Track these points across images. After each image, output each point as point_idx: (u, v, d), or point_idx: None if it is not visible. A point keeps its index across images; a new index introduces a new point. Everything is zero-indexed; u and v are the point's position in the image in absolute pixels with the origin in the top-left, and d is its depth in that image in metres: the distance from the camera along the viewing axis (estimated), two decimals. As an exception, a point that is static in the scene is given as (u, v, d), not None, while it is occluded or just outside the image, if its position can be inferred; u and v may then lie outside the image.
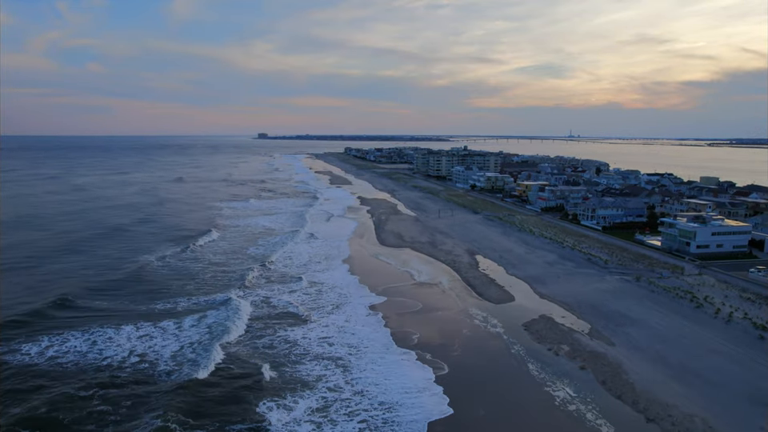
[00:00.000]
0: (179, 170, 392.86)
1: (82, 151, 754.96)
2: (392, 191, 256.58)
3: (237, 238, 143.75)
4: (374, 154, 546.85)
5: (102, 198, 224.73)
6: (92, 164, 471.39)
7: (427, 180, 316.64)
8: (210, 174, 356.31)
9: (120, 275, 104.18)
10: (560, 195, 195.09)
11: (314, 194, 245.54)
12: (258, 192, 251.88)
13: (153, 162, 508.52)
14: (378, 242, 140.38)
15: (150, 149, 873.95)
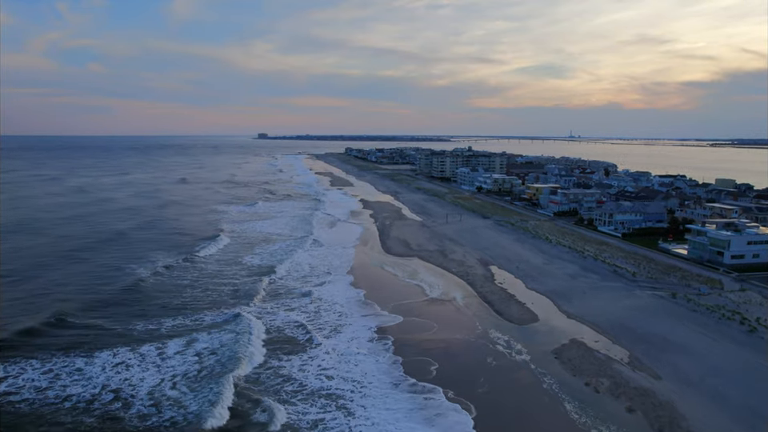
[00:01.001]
0: (182, 171, 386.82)
1: (83, 151, 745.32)
2: (395, 193, 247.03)
3: (242, 245, 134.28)
4: (375, 155, 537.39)
5: (103, 201, 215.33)
6: (93, 164, 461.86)
7: (431, 182, 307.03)
8: (212, 175, 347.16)
9: (115, 289, 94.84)
10: (573, 199, 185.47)
11: (316, 196, 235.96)
12: (262, 195, 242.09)
13: (155, 163, 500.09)
14: (384, 250, 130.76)
15: (151, 149, 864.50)
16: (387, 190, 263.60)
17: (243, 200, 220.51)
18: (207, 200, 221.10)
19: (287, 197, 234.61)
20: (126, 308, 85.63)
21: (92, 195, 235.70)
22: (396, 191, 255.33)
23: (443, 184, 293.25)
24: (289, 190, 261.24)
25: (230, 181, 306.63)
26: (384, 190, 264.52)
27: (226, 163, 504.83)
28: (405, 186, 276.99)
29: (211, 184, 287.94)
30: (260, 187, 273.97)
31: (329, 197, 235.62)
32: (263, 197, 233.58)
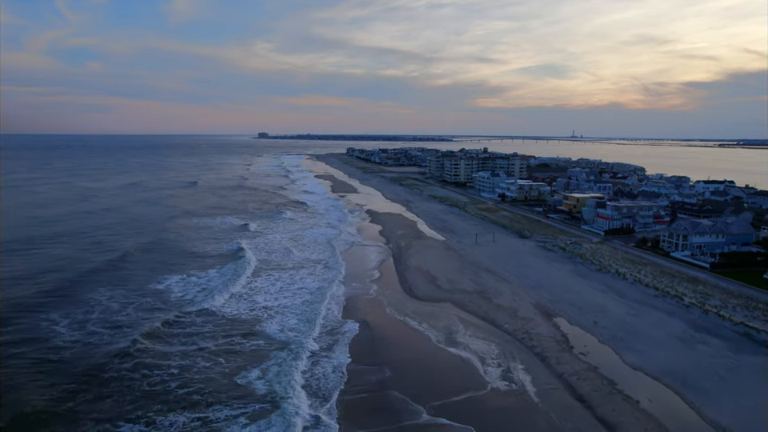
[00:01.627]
0: (190, 172, 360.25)
1: (84, 151, 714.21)
2: (406, 202, 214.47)
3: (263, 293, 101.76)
4: (379, 156, 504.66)
5: (106, 211, 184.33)
6: (96, 165, 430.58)
7: (444, 187, 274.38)
8: (221, 178, 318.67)
9: (82, 372, 63.11)
10: (627, 213, 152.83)
11: (314, 208, 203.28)
12: (273, 206, 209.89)
13: (161, 164, 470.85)
14: (404, 289, 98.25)
15: (152, 149, 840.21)
16: (397, 197, 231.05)
17: (262, 211, 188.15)
18: (219, 209, 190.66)
19: (286, 208, 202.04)
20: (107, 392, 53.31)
21: (95, 203, 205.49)
22: (407, 200, 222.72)
23: (459, 190, 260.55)
24: (286, 200, 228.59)
25: (241, 186, 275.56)
26: (393, 197, 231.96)
27: (232, 164, 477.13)
28: (416, 193, 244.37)
29: (221, 189, 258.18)
30: (263, 198, 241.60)
31: (328, 208, 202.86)
32: (266, 209, 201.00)
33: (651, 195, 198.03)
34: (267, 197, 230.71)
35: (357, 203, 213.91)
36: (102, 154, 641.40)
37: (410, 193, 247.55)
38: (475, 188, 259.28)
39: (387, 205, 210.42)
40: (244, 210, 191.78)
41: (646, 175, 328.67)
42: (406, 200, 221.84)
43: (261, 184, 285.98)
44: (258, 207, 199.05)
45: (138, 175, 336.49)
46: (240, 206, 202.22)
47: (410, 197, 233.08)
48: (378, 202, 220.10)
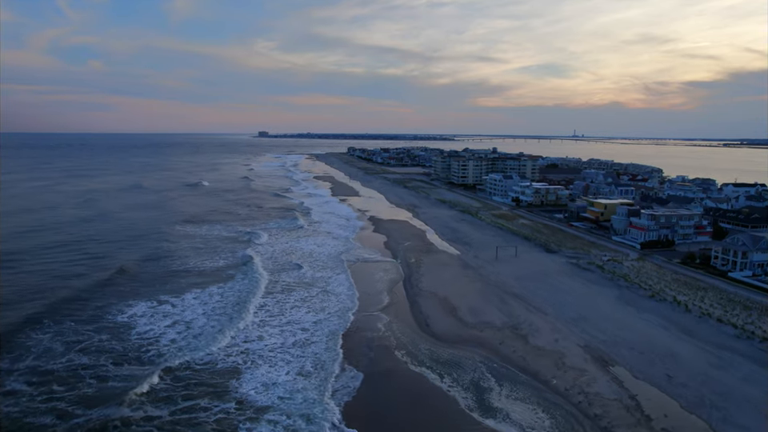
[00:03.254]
0: (193, 173, 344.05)
1: (85, 151, 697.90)
2: (413, 207, 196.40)
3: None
4: (381, 156, 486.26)
5: (102, 217, 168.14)
6: (96, 165, 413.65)
7: (452, 190, 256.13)
8: (223, 179, 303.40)
9: None
10: (665, 223, 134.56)
11: (308, 213, 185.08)
12: (271, 211, 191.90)
13: (162, 164, 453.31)
14: (418, 323, 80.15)
15: (154, 148, 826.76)
16: (402, 201, 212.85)
17: (272, 218, 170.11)
18: (227, 215, 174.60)
19: (276, 214, 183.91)
20: None
21: (92, 207, 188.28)
22: (414, 204, 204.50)
23: (468, 194, 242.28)
24: (285, 204, 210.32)
25: (243, 188, 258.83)
26: (398, 201, 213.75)
27: (234, 164, 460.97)
28: (423, 197, 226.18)
29: (223, 192, 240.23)
30: (262, 201, 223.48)
31: (326, 214, 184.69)
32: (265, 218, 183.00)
33: (682, 200, 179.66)
34: (267, 200, 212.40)
35: (359, 208, 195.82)
36: (103, 154, 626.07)
37: (416, 196, 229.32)
38: (486, 191, 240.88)
39: (392, 210, 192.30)
40: (240, 216, 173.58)
41: (663, 176, 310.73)
42: (412, 205, 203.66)
43: (261, 186, 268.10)
44: (256, 214, 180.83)
45: (140, 175, 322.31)
46: (238, 210, 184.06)
47: (416, 201, 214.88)
48: (381, 206, 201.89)
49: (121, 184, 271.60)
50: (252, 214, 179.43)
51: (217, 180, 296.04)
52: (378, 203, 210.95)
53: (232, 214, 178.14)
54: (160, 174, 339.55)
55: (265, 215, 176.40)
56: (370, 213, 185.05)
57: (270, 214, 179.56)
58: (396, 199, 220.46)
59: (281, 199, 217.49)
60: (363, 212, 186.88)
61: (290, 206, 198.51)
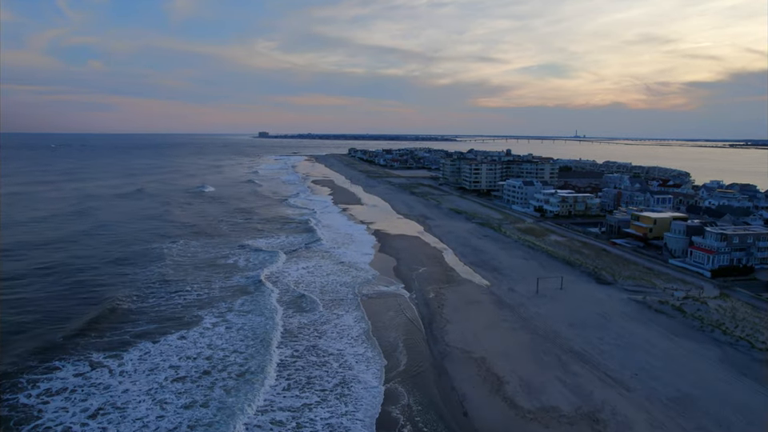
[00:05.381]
0: (196, 173, 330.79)
1: (86, 152, 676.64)
2: (424, 219, 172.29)
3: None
4: (384, 157, 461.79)
5: (99, 230, 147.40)
6: (98, 167, 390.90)
7: (464, 197, 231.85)
8: (232, 183, 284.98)
9: None
10: (739, 244, 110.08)
11: (308, 224, 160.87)
12: (266, 223, 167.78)
13: (164, 166, 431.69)
14: (448, 408, 55.69)
15: (155, 148, 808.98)
16: (410, 212, 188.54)
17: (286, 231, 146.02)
18: (231, 226, 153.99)
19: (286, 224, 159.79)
20: None
21: (89, 218, 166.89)
22: (424, 215, 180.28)
23: (484, 201, 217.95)
24: (280, 216, 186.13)
25: (256, 193, 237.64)
26: (406, 211, 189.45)
27: (242, 164, 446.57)
28: (433, 206, 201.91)
29: (233, 200, 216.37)
30: (262, 211, 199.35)
31: (325, 228, 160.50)
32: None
33: (736, 212, 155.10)
34: (268, 209, 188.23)
35: (362, 220, 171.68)
36: (104, 155, 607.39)
37: (426, 205, 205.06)
38: (503, 198, 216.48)
39: (400, 222, 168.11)
40: (233, 229, 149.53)
41: (688, 180, 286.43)
42: (423, 215, 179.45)
43: (264, 192, 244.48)
44: (247, 227, 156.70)
45: (141, 179, 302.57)
46: (231, 221, 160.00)
47: (426, 210, 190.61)
48: (387, 217, 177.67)
49: (120, 188, 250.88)
50: (245, 225, 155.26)
51: (220, 184, 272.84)
52: (384, 213, 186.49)
53: (225, 225, 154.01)
54: (161, 177, 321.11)
55: (254, 229, 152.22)
56: (375, 225, 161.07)
57: (261, 228, 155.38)
58: (404, 208, 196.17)
59: (278, 208, 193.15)
60: (367, 224, 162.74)
61: (287, 217, 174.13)
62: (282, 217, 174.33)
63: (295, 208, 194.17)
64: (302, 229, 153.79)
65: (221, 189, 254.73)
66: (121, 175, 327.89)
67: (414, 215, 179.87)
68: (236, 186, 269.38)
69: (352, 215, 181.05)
